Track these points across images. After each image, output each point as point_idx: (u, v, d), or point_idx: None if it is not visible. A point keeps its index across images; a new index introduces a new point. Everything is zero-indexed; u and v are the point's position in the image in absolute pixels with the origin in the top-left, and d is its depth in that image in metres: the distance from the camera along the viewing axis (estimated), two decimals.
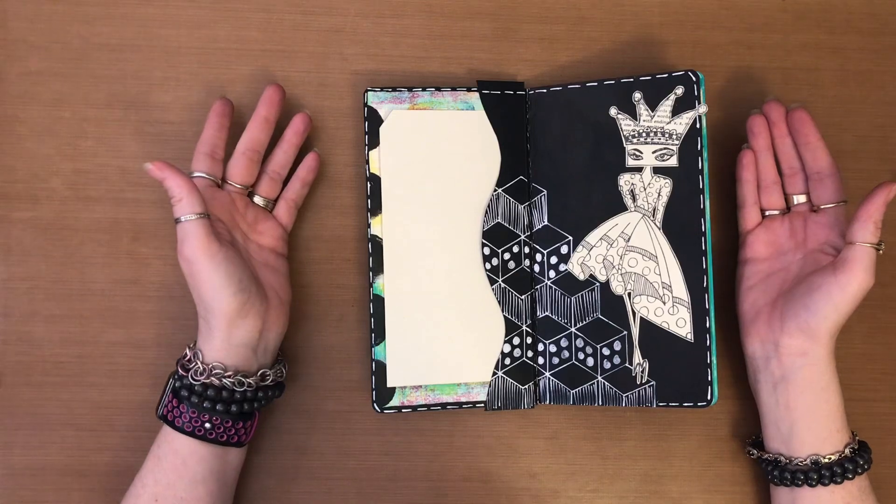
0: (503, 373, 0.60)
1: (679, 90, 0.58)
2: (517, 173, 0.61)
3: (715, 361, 0.57)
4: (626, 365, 0.59)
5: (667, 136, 0.58)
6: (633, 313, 0.59)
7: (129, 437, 0.60)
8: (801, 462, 0.56)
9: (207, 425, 0.54)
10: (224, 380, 0.54)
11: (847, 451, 0.56)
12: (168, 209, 0.61)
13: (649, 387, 0.58)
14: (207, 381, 0.54)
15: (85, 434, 0.60)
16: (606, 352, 0.59)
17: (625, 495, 0.62)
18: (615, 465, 0.62)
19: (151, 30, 0.62)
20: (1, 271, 0.61)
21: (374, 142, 0.60)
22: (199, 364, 0.54)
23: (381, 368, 0.59)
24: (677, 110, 0.58)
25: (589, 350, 0.59)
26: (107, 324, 0.61)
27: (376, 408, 0.58)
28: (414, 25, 0.63)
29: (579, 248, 0.60)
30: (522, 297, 0.60)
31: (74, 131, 0.61)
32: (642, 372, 0.58)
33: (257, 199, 0.59)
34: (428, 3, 0.64)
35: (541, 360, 0.60)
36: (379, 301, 0.59)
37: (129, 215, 0.61)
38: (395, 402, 0.59)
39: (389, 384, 0.59)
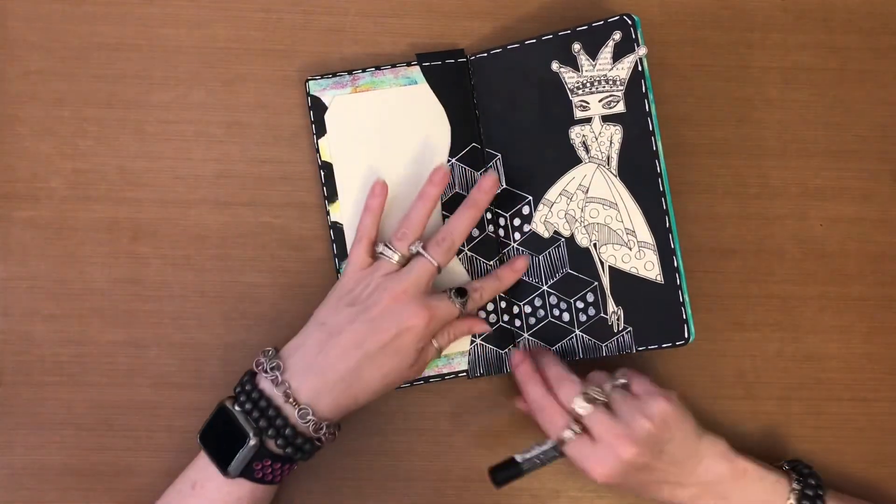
0: (481, 340, 0.60)
1: (617, 35, 0.58)
2: (469, 141, 0.61)
3: (688, 299, 0.57)
4: (602, 315, 0.59)
5: (610, 82, 0.58)
6: (602, 263, 0.59)
7: (129, 437, 0.60)
8: None
9: (287, 471, 0.54)
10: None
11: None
12: (167, 208, 0.61)
13: (627, 333, 0.58)
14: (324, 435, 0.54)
15: (85, 434, 0.60)
16: (580, 305, 0.59)
17: (625, 495, 0.62)
18: None
19: (151, 29, 0.62)
20: (1, 271, 0.61)
21: (321, 130, 0.60)
22: (322, 423, 0.53)
23: None
24: (618, 56, 0.58)
25: (563, 306, 0.60)
26: (107, 323, 0.61)
27: None
28: (414, 25, 0.63)
29: (540, 206, 0.60)
30: (490, 262, 0.61)
31: (74, 131, 0.61)
32: (618, 320, 0.59)
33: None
34: (428, 3, 0.64)
35: (517, 323, 0.61)
36: None
37: (129, 215, 0.61)
38: None
39: None
